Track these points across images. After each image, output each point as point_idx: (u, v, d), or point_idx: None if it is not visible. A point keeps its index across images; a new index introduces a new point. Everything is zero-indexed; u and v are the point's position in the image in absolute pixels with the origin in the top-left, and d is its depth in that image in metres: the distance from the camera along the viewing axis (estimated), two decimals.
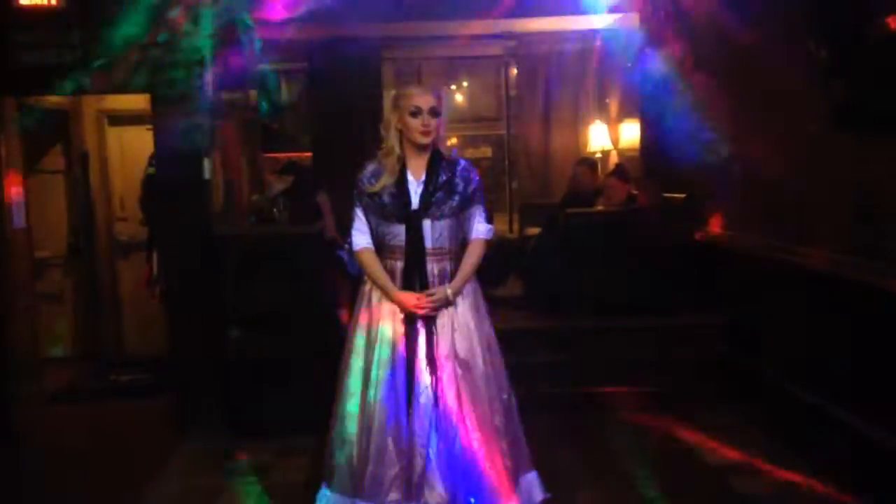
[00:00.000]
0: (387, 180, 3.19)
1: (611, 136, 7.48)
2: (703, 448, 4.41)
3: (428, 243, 3.19)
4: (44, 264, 6.67)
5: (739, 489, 3.92)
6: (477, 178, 3.29)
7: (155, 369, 6.18)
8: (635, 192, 6.17)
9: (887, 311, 3.51)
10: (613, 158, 7.44)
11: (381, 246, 3.28)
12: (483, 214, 3.32)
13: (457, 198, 3.22)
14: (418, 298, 3.15)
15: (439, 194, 3.19)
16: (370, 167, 3.26)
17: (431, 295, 3.15)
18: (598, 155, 7.54)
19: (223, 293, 4.99)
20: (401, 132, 3.20)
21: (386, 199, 3.19)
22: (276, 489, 4.10)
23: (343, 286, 5.29)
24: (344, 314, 5.19)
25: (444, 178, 3.21)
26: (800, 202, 4.29)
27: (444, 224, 3.20)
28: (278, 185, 6.24)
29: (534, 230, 6.55)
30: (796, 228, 4.30)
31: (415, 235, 3.17)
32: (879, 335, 3.57)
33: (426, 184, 3.20)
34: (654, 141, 6.29)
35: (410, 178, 3.22)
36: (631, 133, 7.03)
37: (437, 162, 3.24)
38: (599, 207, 6.08)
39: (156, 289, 6.14)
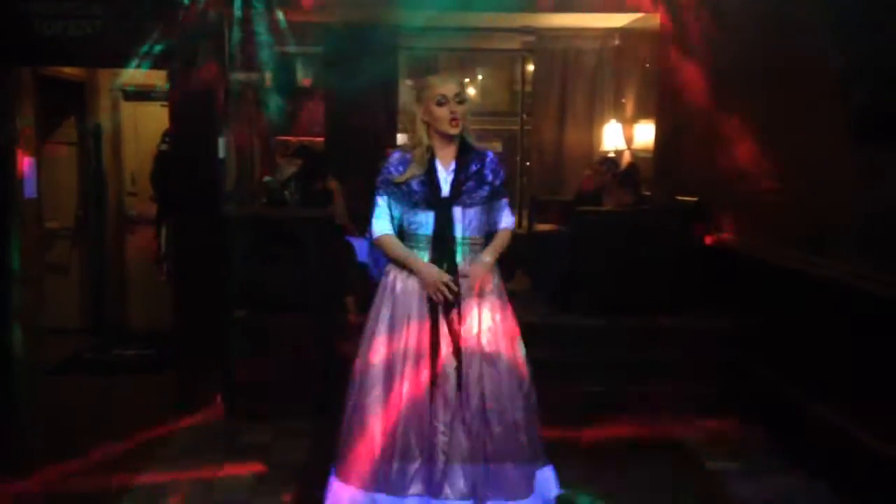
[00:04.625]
0: (415, 170, 3.17)
1: (625, 136, 7.46)
2: (705, 451, 4.40)
3: (458, 231, 3.17)
4: (52, 235, 6.69)
5: (741, 493, 3.92)
6: (504, 171, 3.32)
7: (158, 345, 6.20)
8: (647, 192, 6.15)
9: (893, 321, 3.50)
10: (627, 158, 7.42)
11: (404, 236, 3.24)
12: (508, 207, 3.36)
13: (487, 188, 3.22)
14: (444, 283, 3.09)
15: (470, 183, 3.18)
16: (396, 155, 3.25)
17: (465, 276, 3.12)
18: (612, 154, 7.52)
19: (230, 273, 4.99)
20: (427, 123, 3.19)
21: (415, 186, 3.16)
22: (276, 469, 4.11)
23: (350, 272, 5.30)
24: (349, 299, 5.21)
25: (475, 168, 3.21)
26: (814, 211, 4.27)
27: (473, 212, 3.20)
28: (289, 168, 6.24)
29: (543, 226, 6.53)
30: (809, 237, 4.28)
31: (444, 222, 3.15)
32: (883, 344, 3.56)
33: (456, 172, 3.19)
34: (668, 143, 6.27)
35: (439, 167, 3.20)
36: (645, 134, 7.01)
37: (467, 151, 3.23)
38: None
39: (164, 266, 6.15)
